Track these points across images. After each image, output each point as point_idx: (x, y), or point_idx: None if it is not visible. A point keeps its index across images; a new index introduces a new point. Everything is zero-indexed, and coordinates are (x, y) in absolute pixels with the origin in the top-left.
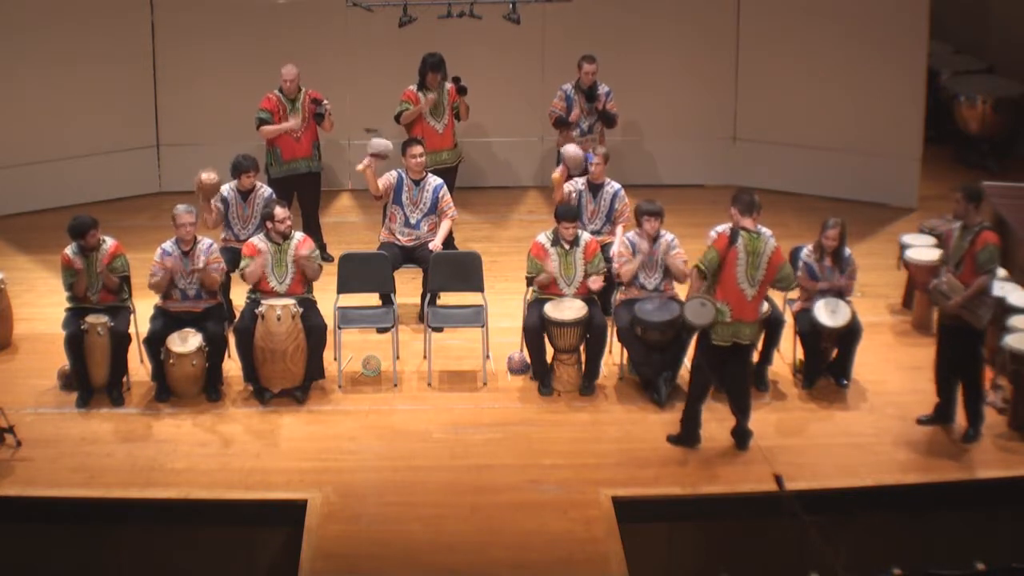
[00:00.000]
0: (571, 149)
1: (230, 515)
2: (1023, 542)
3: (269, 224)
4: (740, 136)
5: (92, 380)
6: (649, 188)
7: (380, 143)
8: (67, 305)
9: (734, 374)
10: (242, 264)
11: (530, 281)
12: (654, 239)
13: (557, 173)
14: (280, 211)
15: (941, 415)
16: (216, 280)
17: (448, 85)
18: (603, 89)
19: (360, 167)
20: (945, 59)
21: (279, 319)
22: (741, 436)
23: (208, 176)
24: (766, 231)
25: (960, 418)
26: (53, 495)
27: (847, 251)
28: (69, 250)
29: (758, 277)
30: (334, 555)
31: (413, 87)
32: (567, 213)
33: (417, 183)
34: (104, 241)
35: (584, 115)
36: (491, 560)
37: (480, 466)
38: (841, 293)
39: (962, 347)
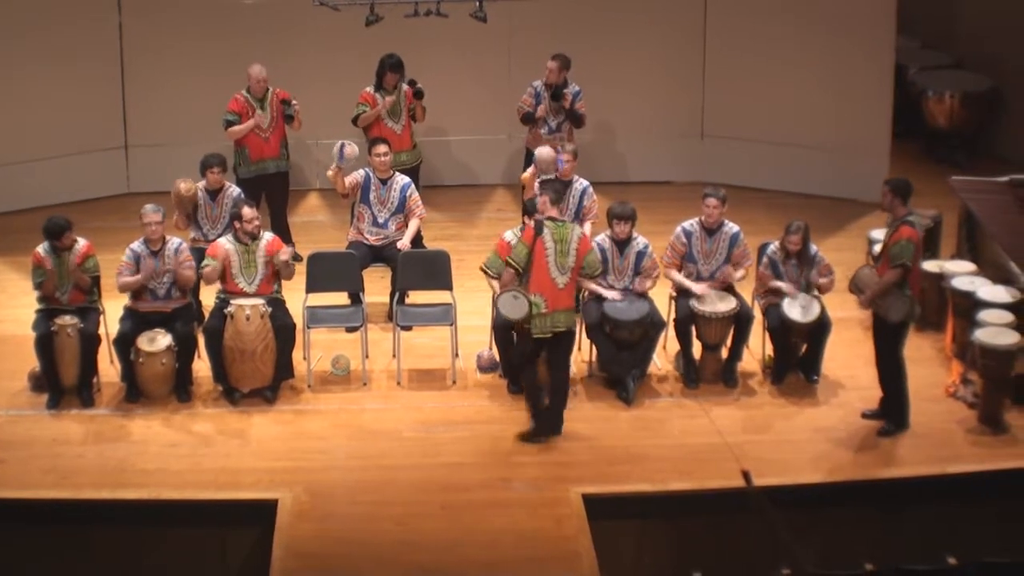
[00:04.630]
0: (545, 151)
1: (201, 515)
2: (994, 536)
3: (237, 224)
4: (708, 132)
5: (62, 381)
6: (617, 185)
7: (346, 152)
8: (37, 306)
9: (556, 361)
10: (203, 263)
11: (486, 273)
12: (624, 242)
13: (527, 173)
14: (248, 211)
15: (886, 410)
16: (190, 278)
17: (405, 87)
18: (572, 89)
19: (330, 174)
20: (913, 54)
21: (248, 319)
22: (555, 423)
23: (187, 186)
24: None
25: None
26: (24, 496)
27: (813, 249)
28: (41, 249)
29: (568, 264)
30: (305, 554)
31: (370, 88)
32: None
33: (384, 182)
34: (77, 241)
35: (551, 113)
36: (462, 558)
37: (450, 464)
38: (809, 288)
39: (879, 340)
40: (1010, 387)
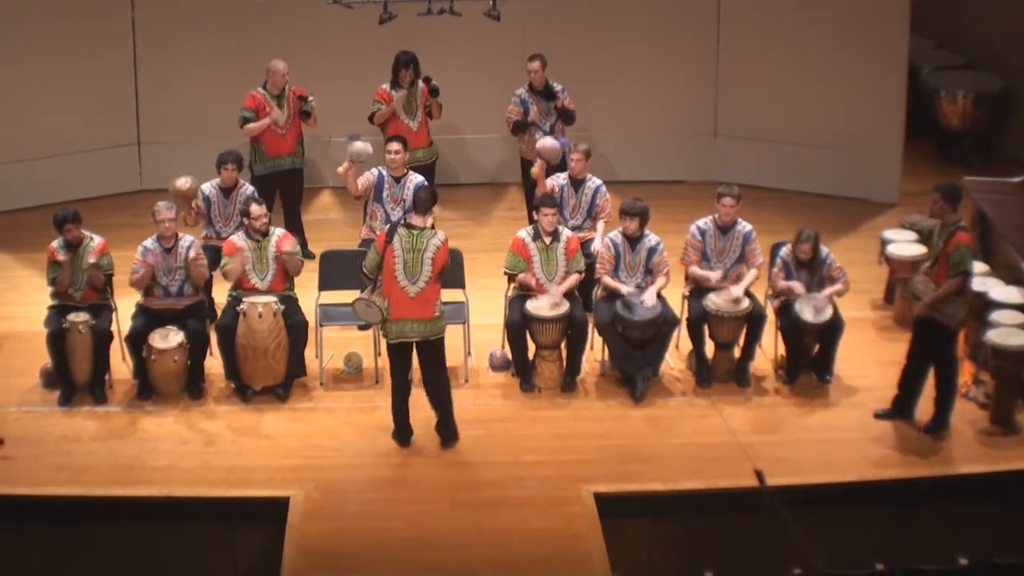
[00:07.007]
0: (548, 141)
1: (212, 513)
2: (1005, 537)
3: (246, 221)
4: (721, 132)
5: (74, 378)
6: (630, 184)
7: (359, 147)
8: (49, 303)
9: (427, 372)
10: (222, 262)
11: (510, 277)
12: (636, 239)
13: (536, 167)
14: (256, 208)
15: (899, 409)
16: (204, 275)
17: (420, 84)
18: (557, 86)
19: (341, 169)
20: (926, 54)
21: (261, 316)
22: (444, 433)
23: (182, 183)
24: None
25: (921, 414)
26: (35, 493)
27: (824, 252)
28: (55, 244)
29: (422, 274)
30: (316, 552)
31: (386, 86)
32: (545, 200)
33: (397, 180)
34: (92, 239)
35: (543, 116)
36: (473, 557)
37: (462, 463)
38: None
39: (936, 346)
40: (1022, 388)
